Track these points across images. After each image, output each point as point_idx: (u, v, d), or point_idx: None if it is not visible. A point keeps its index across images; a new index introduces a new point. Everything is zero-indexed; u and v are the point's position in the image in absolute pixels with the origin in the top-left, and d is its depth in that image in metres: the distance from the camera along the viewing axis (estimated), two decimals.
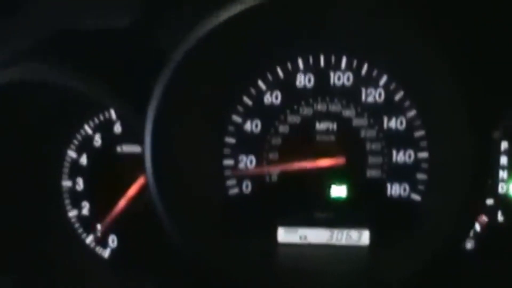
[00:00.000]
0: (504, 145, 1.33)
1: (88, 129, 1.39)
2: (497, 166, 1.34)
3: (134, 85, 1.19)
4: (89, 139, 1.39)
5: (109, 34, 1.20)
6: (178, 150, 1.23)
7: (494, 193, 1.34)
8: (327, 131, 1.31)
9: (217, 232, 1.30)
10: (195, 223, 1.24)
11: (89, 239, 1.43)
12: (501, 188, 1.34)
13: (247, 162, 1.34)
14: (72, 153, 1.40)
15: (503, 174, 1.34)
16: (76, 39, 1.22)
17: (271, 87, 1.31)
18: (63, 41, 1.22)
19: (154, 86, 1.15)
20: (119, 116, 1.35)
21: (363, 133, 1.31)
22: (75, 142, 1.40)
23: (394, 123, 1.30)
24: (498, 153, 1.33)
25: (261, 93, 1.31)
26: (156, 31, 1.20)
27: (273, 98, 1.31)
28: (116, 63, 1.24)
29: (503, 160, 1.34)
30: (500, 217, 1.35)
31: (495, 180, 1.34)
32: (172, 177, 1.21)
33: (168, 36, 1.15)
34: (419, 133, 1.30)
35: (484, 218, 1.35)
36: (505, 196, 1.35)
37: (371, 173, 1.32)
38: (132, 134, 1.23)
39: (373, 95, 1.30)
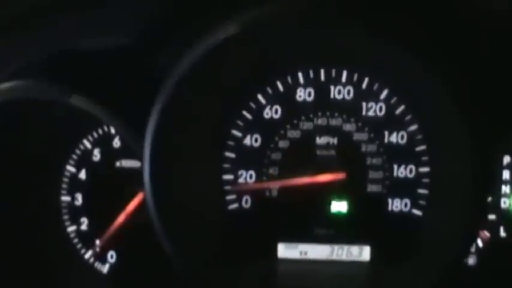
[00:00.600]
0: (506, 159, 1.32)
1: (87, 144, 1.38)
2: (499, 180, 1.33)
3: (133, 104, 1.19)
4: (88, 154, 1.38)
5: (108, 54, 1.20)
6: (177, 166, 1.22)
7: (496, 208, 1.33)
8: (327, 146, 1.30)
9: (215, 248, 1.29)
10: (193, 239, 1.23)
11: (88, 255, 1.42)
12: (504, 203, 1.33)
13: (247, 177, 1.33)
14: (71, 168, 1.40)
15: (505, 188, 1.33)
16: (75, 58, 1.22)
17: (271, 101, 1.30)
18: (62, 60, 1.22)
19: (153, 104, 1.14)
20: (118, 131, 1.34)
21: (363, 148, 1.30)
22: (74, 157, 1.39)
23: (395, 138, 1.29)
24: (500, 167, 1.32)
25: (261, 108, 1.30)
26: (154, 51, 1.20)
27: (273, 112, 1.30)
28: (115, 82, 1.23)
29: (506, 174, 1.33)
30: (502, 233, 1.34)
31: (497, 195, 1.33)
32: (170, 193, 1.20)
33: (167, 55, 1.15)
34: (420, 148, 1.29)
35: (486, 234, 1.34)
36: (507, 211, 1.33)
37: (372, 188, 1.31)
38: (131, 149, 1.21)
39: (374, 109, 1.29)
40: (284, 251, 1.33)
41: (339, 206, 1.31)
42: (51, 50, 1.17)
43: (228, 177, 1.33)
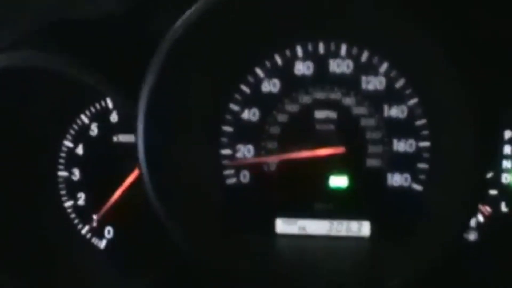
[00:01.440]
0: (507, 134, 1.31)
1: (84, 119, 1.37)
2: (500, 155, 1.31)
3: (128, 73, 1.17)
4: (85, 128, 1.37)
5: (101, 23, 1.19)
6: (173, 139, 1.21)
7: (497, 183, 1.32)
8: (326, 120, 1.29)
9: (213, 222, 1.28)
10: (191, 213, 1.22)
11: (85, 230, 1.41)
12: (505, 179, 1.32)
13: (245, 151, 1.31)
14: (68, 143, 1.39)
15: (506, 163, 1.32)
16: (68, 27, 1.20)
17: (269, 75, 1.29)
18: (55, 29, 1.20)
19: (147, 73, 1.12)
20: (115, 105, 1.33)
21: (363, 122, 1.28)
22: (71, 131, 1.38)
23: (395, 112, 1.27)
24: (501, 142, 1.31)
25: (259, 81, 1.29)
26: (150, 19, 1.18)
27: (271, 86, 1.29)
28: (109, 51, 1.22)
29: (507, 149, 1.31)
30: (503, 208, 1.33)
31: (499, 170, 1.32)
32: (166, 167, 1.18)
33: (162, 23, 1.12)
34: (420, 122, 1.27)
35: (487, 209, 1.32)
36: (508, 187, 1.32)
37: (371, 162, 1.29)
38: (129, 124, 1.20)
39: (374, 83, 1.27)
40: (283, 226, 1.32)
41: (338, 181, 1.30)
42: (44, 20, 1.15)
43: (226, 151, 1.32)
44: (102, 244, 1.41)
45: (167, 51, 1.12)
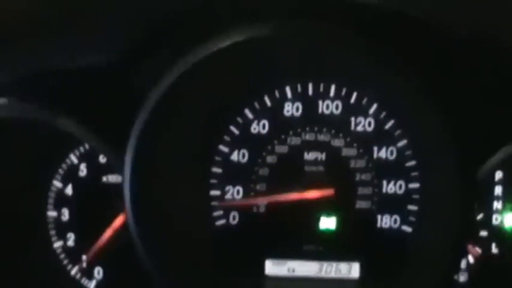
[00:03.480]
0: (498, 175, 1.30)
1: (73, 159, 1.37)
2: (491, 196, 1.31)
3: (114, 122, 1.17)
4: (74, 169, 1.37)
5: (88, 73, 1.18)
6: (161, 182, 1.20)
7: (488, 224, 1.31)
8: (315, 161, 1.28)
9: (202, 265, 1.28)
10: (178, 257, 1.22)
11: (75, 271, 1.40)
12: (495, 220, 1.31)
13: (234, 192, 1.31)
14: (57, 183, 1.38)
15: (497, 204, 1.31)
16: (55, 77, 1.20)
17: (258, 116, 1.29)
18: (40, 79, 1.20)
19: (134, 121, 1.12)
20: (100, 150, 1.32)
21: (352, 163, 1.28)
22: (60, 171, 1.37)
23: (384, 153, 1.27)
24: (492, 183, 1.30)
25: (248, 123, 1.29)
26: (135, 68, 1.18)
27: (260, 127, 1.29)
28: (96, 101, 1.22)
29: (498, 190, 1.31)
30: (494, 249, 1.32)
31: (489, 211, 1.31)
32: (153, 210, 1.18)
33: (149, 73, 1.13)
34: (410, 163, 1.27)
35: (477, 250, 1.32)
36: (499, 228, 1.31)
37: (361, 204, 1.29)
38: (115, 166, 1.20)
39: (363, 124, 1.27)
40: (272, 267, 1.31)
41: (327, 223, 1.30)
42: (30, 69, 1.15)
43: (215, 192, 1.31)
44: (92, 285, 1.40)
45: (158, 95, 1.12)
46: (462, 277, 1.33)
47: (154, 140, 1.15)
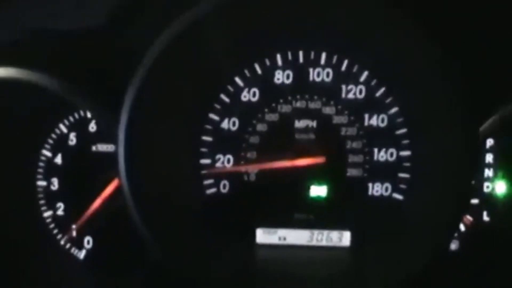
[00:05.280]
0: (489, 142, 1.30)
1: (63, 128, 1.36)
2: (482, 164, 1.30)
3: (107, 86, 1.16)
4: (64, 138, 1.36)
5: (81, 35, 1.17)
6: (153, 149, 1.19)
7: (479, 192, 1.31)
8: (306, 129, 1.28)
9: (193, 233, 1.27)
10: (170, 224, 1.21)
11: (64, 240, 1.40)
12: (486, 187, 1.31)
13: (225, 161, 1.30)
14: (47, 153, 1.37)
15: (488, 172, 1.31)
16: (48, 39, 1.18)
17: (248, 84, 1.28)
18: (34, 41, 1.18)
19: (128, 86, 1.11)
20: (94, 116, 1.31)
21: (343, 131, 1.27)
22: (50, 141, 1.37)
23: (375, 121, 1.27)
24: (483, 150, 1.30)
25: (238, 91, 1.28)
26: (128, 32, 1.16)
27: (250, 95, 1.28)
28: (89, 64, 1.20)
29: (489, 158, 1.31)
30: (485, 217, 1.32)
31: (480, 179, 1.31)
32: (146, 177, 1.17)
33: (141, 36, 1.11)
34: (401, 131, 1.27)
35: (469, 218, 1.31)
36: (490, 195, 1.31)
37: (352, 172, 1.29)
38: (108, 133, 1.19)
39: (354, 92, 1.26)
40: (263, 236, 1.31)
41: (318, 191, 1.29)
42: (23, 31, 1.14)
43: (205, 161, 1.31)
44: (82, 254, 1.40)
45: (151, 62, 1.11)
46: (453, 245, 1.33)
47: (147, 107, 1.14)
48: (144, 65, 1.11)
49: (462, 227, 1.32)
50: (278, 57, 1.27)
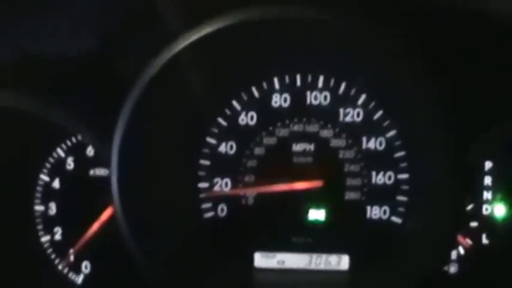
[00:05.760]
0: (488, 165, 1.29)
1: (60, 152, 1.35)
2: (480, 186, 1.30)
3: (100, 111, 1.16)
4: (61, 162, 1.36)
5: (73, 61, 1.17)
6: (149, 174, 1.19)
7: (478, 215, 1.30)
8: (304, 153, 1.28)
9: (191, 257, 1.26)
10: (166, 249, 1.20)
11: (62, 265, 1.39)
12: (485, 210, 1.30)
13: (223, 185, 1.30)
14: (44, 177, 1.37)
15: (487, 195, 1.30)
16: (40, 65, 1.18)
17: (246, 108, 1.28)
18: (26, 67, 1.19)
19: (121, 111, 1.11)
20: (88, 142, 1.31)
21: (341, 154, 1.27)
22: (48, 165, 1.36)
23: (373, 144, 1.27)
24: (481, 173, 1.29)
25: (236, 114, 1.28)
26: (121, 56, 1.16)
27: (248, 119, 1.28)
28: (81, 89, 1.20)
29: (487, 180, 1.30)
30: (484, 240, 1.31)
31: (479, 202, 1.30)
32: (141, 203, 1.17)
33: (134, 61, 1.11)
34: (399, 154, 1.27)
35: (468, 241, 1.31)
36: (489, 218, 1.30)
37: (350, 195, 1.28)
38: (102, 158, 1.19)
39: (351, 115, 1.26)
40: (261, 260, 1.30)
41: (316, 214, 1.29)
42: (15, 58, 1.14)
43: (203, 185, 1.30)
44: (80, 279, 1.39)
45: (143, 86, 1.11)
46: (453, 268, 1.32)
47: (140, 131, 1.14)
48: (137, 89, 1.11)
49: (461, 250, 1.31)
50: (276, 80, 1.27)
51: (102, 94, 1.18)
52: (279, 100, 1.27)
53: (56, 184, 1.37)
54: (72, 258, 1.37)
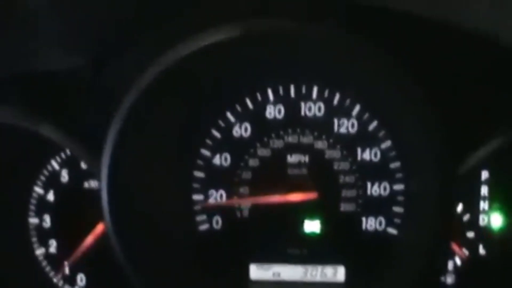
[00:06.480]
0: (484, 174, 1.28)
1: (55, 165, 1.35)
2: (477, 197, 1.29)
3: (90, 126, 1.15)
4: (56, 174, 1.35)
5: (62, 76, 1.16)
6: (142, 188, 1.19)
7: (474, 225, 1.29)
8: (298, 164, 1.27)
9: (186, 271, 1.26)
10: (161, 263, 1.20)
11: (57, 278, 1.38)
12: (482, 220, 1.29)
13: (217, 197, 1.29)
14: (39, 190, 1.36)
15: (483, 205, 1.29)
16: (28, 81, 1.18)
17: (240, 119, 1.27)
18: (14, 82, 1.18)
19: (110, 124, 1.10)
20: (77, 155, 1.30)
21: (336, 166, 1.26)
22: (42, 178, 1.36)
23: (368, 155, 1.26)
24: (478, 183, 1.28)
25: (230, 126, 1.27)
26: (112, 71, 1.15)
27: (242, 130, 1.27)
28: (72, 106, 1.19)
29: (484, 190, 1.29)
30: (481, 250, 1.30)
31: (476, 212, 1.29)
32: (134, 217, 1.16)
33: (125, 75, 1.10)
34: (394, 165, 1.26)
35: (464, 252, 1.30)
36: (486, 229, 1.29)
37: (345, 207, 1.27)
38: (93, 172, 1.18)
39: (346, 126, 1.25)
40: (257, 272, 1.30)
41: (312, 226, 1.28)
42: (3, 73, 1.13)
43: (197, 197, 1.30)
44: None
45: (134, 98, 1.10)
46: (450, 279, 1.31)
47: (131, 144, 1.14)
48: (127, 102, 1.10)
49: (458, 261, 1.30)
50: (269, 91, 1.26)
51: (92, 109, 1.17)
52: (273, 112, 1.26)
53: (50, 196, 1.36)
54: (67, 270, 1.36)
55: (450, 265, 1.30)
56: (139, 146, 1.16)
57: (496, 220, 1.29)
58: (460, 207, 1.28)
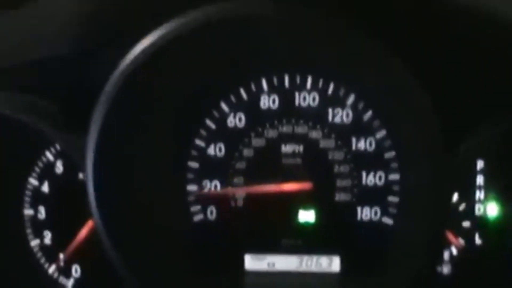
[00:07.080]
0: (480, 164, 1.28)
1: (49, 156, 1.34)
2: (473, 186, 1.28)
3: (75, 116, 1.14)
4: (50, 166, 1.35)
5: (48, 64, 1.15)
6: (133, 179, 1.18)
7: (470, 215, 1.29)
8: (293, 154, 1.26)
9: (180, 261, 1.26)
10: (155, 254, 1.20)
11: (52, 269, 1.38)
12: (478, 210, 1.29)
13: (212, 187, 1.29)
14: (33, 181, 1.36)
15: (479, 194, 1.29)
16: (12, 71, 1.17)
17: (234, 109, 1.27)
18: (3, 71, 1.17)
19: (96, 107, 1.08)
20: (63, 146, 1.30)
21: (330, 155, 1.26)
22: (36, 169, 1.35)
23: (363, 144, 1.25)
24: (474, 172, 1.28)
25: (224, 116, 1.27)
26: (99, 58, 1.13)
27: (236, 120, 1.27)
28: (57, 92, 1.18)
29: (479, 180, 1.28)
30: (477, 240, 1.30)
31: (472, 201, 1.29)
32: (125, 211, 1.15)
33: (112, 61, 1.08)
34: (389, 154, 1.25)
35: (460, 241, 1.29)
36: (482, 218, 1.29)
37: (340, 196, 1.27)
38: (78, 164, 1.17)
39: (340, 116, 1.25)
40: (251, 262, 1.29)
41: (306, 216, 1.28)
42: None
43: (192, 187, 1.29)
44: (70, 283, 1.38)
45: (119, 85, 1.07)
46: (446, 269, 1.30)
47: (120, 135, 1.12)
48: (111, 88, 1.07)
49: (454, 251, 1.30)
50: (264, 81, 1.25)
51: (79, 99, 1.15)
52: (267, 102, 1.26)
53: (45, 188, 1.36)
54: (62, 262, 1.36)
55: (446, 255, 1.30)
56: (129, 135, 1.15)
57: (492, 210, 1.29)
58: (455, 197, 1.28)
